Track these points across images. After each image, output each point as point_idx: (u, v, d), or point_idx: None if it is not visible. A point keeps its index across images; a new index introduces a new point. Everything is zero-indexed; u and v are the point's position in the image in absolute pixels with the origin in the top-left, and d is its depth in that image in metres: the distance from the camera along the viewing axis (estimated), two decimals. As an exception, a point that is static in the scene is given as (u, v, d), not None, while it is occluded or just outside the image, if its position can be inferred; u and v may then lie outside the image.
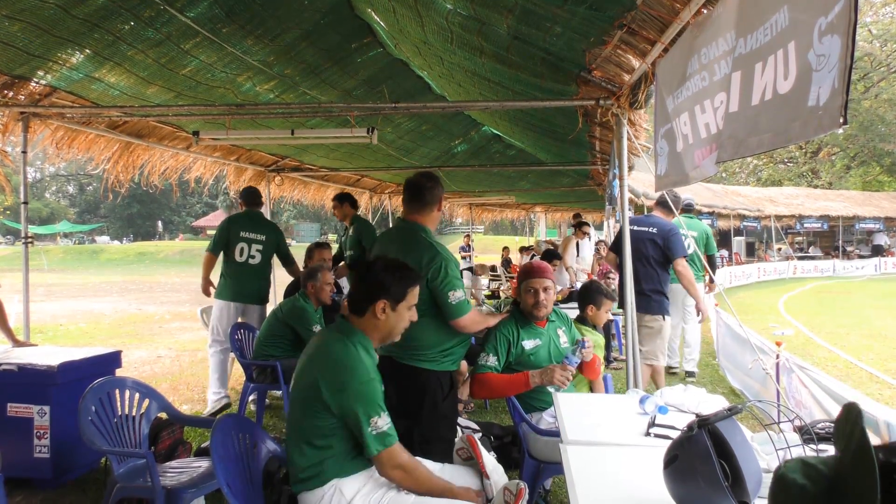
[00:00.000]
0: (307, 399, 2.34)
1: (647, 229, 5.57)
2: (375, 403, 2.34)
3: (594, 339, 4.10)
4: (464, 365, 5.45)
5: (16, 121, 5.06)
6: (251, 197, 6.37)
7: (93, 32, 4.09)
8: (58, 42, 4.15)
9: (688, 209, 7.40)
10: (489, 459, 2.77)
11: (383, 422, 2.34)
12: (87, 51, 4.38)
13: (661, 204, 5.97)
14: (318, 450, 2.35)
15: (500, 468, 2.80)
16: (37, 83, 4.76)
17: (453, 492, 2.44)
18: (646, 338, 5.47)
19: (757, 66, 2.09)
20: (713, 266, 7.21)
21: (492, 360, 3.54)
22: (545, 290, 3.65)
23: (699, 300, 5.63)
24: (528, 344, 3.63)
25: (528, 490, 2.38)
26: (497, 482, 2.67)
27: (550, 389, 3.56)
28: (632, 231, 4.82)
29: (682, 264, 5.46)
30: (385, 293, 2.50)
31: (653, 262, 5.50)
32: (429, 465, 2.65)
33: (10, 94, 4.77)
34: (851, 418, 1.31)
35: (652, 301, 5.44)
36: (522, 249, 16.38)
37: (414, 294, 2.60)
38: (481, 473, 2.69)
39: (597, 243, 11.24)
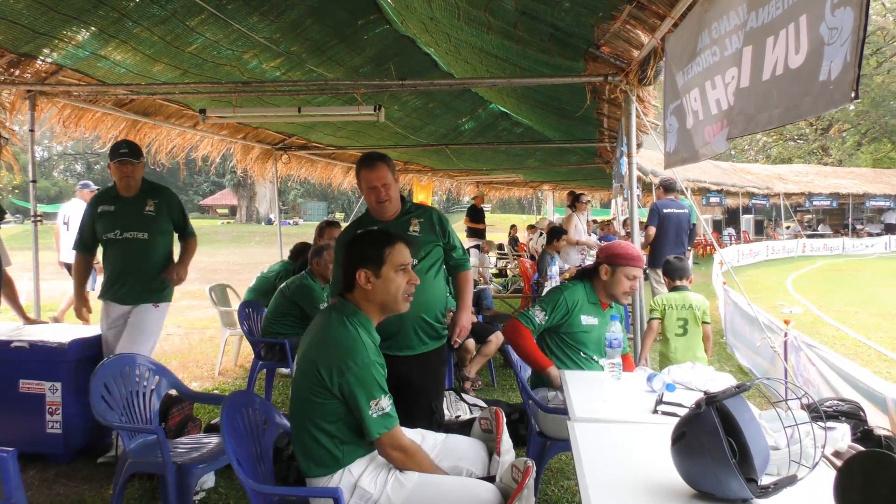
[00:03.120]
0: (311, 382, 2.32)
1: (686, 211, 7.55)
2: (377, 385, 2.32)
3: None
4: (470, 343, 5.47)
5: (23, 99, 5.06)
6: None
7: (98, 9, 4.06)
8: (63, 19, 4.13)
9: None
10: (506, 439, 2.75)
11: (385, 403, 2.32)
12: (93, 28, 4.36)
13: (676, 189, 7.71)
14: (328, 437, 2.33)
15: (513, 452, 2.77)
16: (43, 61, 4.75)
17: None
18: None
19: (768, 41, 2.06)
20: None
21: (539, 317, 3.48)
22: (637, 279, 3.61)
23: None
24: (585, 319, 3.55)
25: (535, 468, 2.38)
26: (504, 463, 2.66)
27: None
28: (678, 213, 7.45)
29: None
30: (363, 262, 2.44)
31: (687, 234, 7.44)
32: (430, 435, 2.67)
33: (17, 72, 4.76)
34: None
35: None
36: (530, 228, 16.34)
37: (397, 254, 2.47)
38: (492, 449, 2.68)
39: (610, 220, 11.14)
